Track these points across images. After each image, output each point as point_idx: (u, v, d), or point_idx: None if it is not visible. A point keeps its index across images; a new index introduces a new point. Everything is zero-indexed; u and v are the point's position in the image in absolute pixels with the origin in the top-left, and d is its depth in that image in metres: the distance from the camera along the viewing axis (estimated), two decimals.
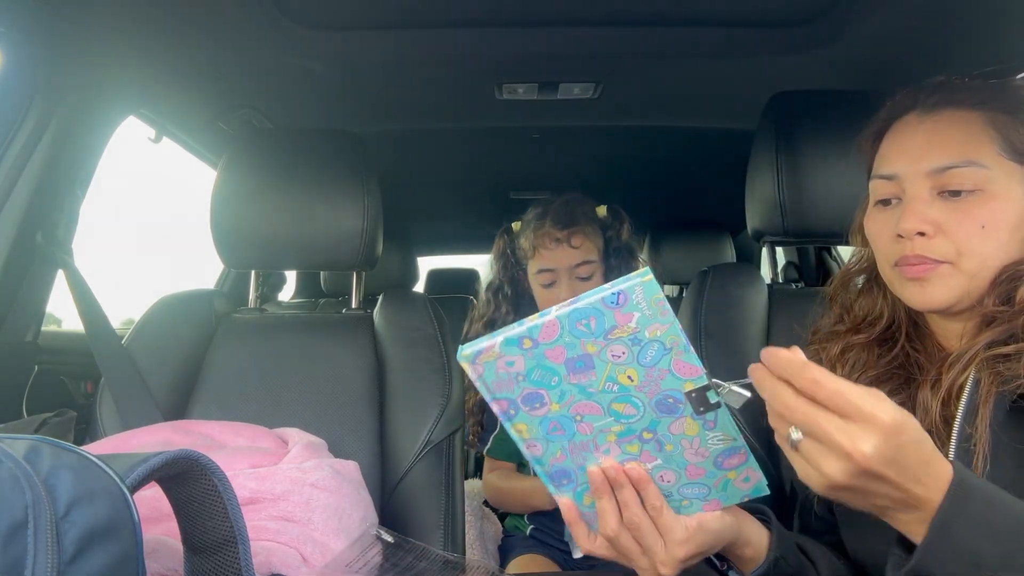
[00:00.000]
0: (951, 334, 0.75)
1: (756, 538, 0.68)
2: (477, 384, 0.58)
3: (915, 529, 0.54)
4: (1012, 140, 0.70)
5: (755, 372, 0.55)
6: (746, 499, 0.63)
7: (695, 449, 0.60)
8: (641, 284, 0.52)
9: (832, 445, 0.50)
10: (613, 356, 0.56)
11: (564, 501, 0.64)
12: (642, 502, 0.62)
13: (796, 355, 0.52)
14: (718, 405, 0.57)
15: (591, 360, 0.56)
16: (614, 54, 1.27)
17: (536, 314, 0.56)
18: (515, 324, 0.56)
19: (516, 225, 1.55)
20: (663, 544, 0.62)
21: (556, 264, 1.41)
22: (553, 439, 0.61)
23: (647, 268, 0.52)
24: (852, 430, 0.49)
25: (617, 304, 0.53)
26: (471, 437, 1.54)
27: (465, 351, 0.56)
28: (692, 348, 0.55)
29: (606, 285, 0.53)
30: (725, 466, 0.61)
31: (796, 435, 0.52)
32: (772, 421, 0.54)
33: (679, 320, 0.55)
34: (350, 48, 1.23)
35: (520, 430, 0.60)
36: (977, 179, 0.69)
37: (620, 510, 0.62)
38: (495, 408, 0.59)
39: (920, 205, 0.71)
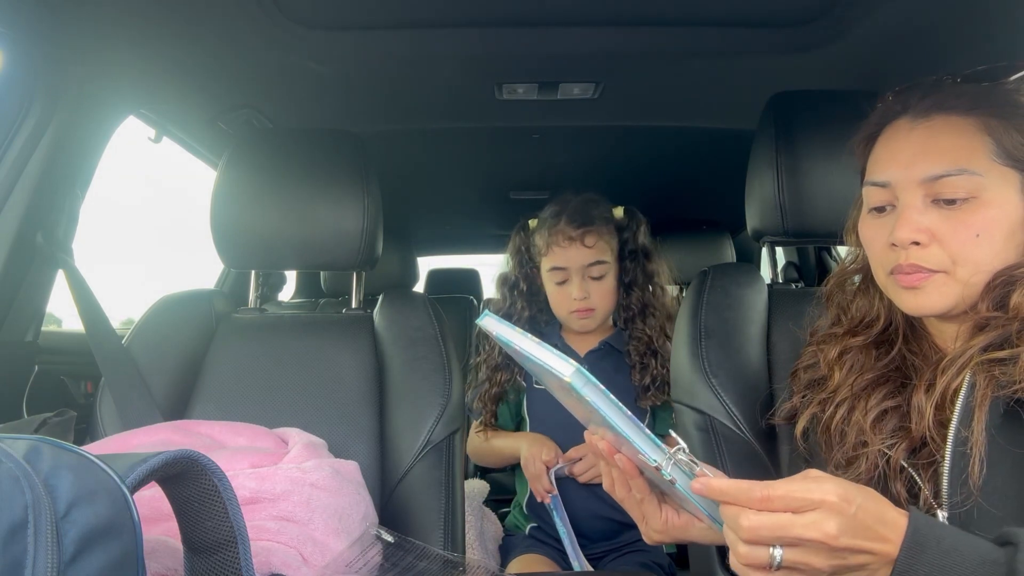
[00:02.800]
0: (947, 335, 0.75)
1: None
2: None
3: None
4: (1005, 145, 0.69)
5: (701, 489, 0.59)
6: None
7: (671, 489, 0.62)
8: (565, 381, 0.55)
9: (806, 541, 0.54)
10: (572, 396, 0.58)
11: (587, 437, 0.68)
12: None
13: (733, 483, 0.57)
14: (673, 481, 0.59)
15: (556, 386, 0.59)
16: (614, 54, 1.27)
17: (519, 331, 0.59)
18: (511, 328, 0.60)
19: (532, 222, 1.55)
20: (644, 520, 0.68)
21: (568, 263, 1.42)
22: (562, 401, 0.65)
23: (576, 368, 0.55)
24: (814, 519, 0.54)
25: (555, 376, 0.56)
26: (486, 418, 1.53)
27: (482, 320, 0.62)
28: (637, 433, 0.57)
29: (551, 351, 0.56)
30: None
31: (777, 552, 0.55)
32: (745, 557, 0.57)
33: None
34: (350, 48, 1.23)
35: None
36: (970, 187, 0.69)
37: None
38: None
39: (914, 214, 0.71)
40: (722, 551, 0.74)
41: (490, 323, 0.62)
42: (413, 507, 1.05)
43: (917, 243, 0.70)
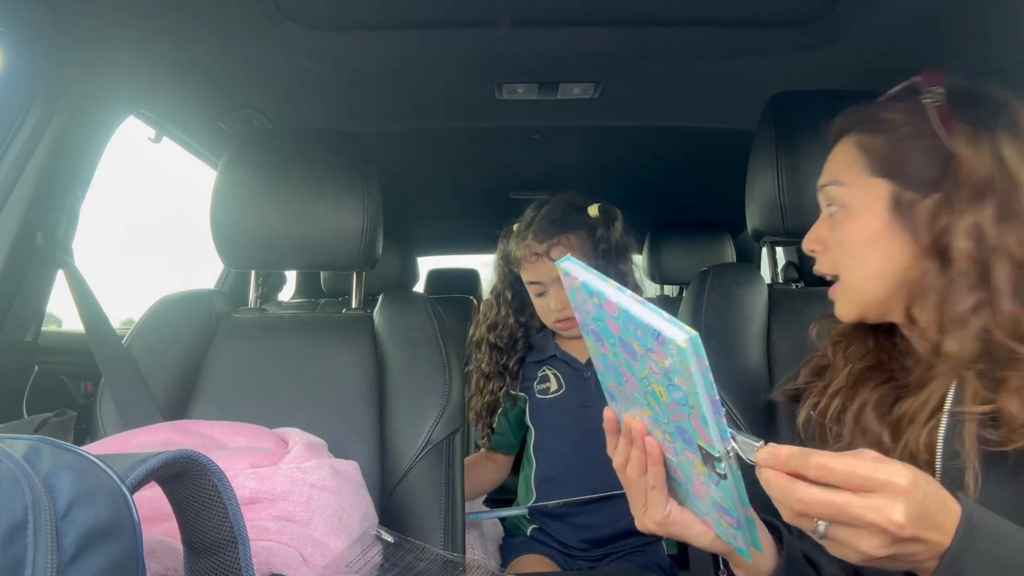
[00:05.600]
0: (915, 338, 0.75)
1: (759, 555, 0.66)
2: (567, 290, 0.60)
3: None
4: (872, 158, 0.74)
5: (762, 473, 0.54)
6: (731, 545, 0.62)
7: (700, 482, 0.59)
8: (676, 346, 0.49)
9: (863, 524, 0.49)
10: (650, 366, 0.54)
11: (608, 415, 0.67)
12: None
13: (798, 449, 0.52)
14: (724, 476, 0.54)
15: (635, 354, 0.55)
16: (614, 54, 1.27)
17: (615, 284, 0.54)
18: (601, 278, 0.55)
19: (516, 226, 1.52)
20: (645, 508, 0.65)
21: (541, 277, 1.41)
22: (607, 372, 0.63)
23: (694, 335, 0.49)
24: (878, 503, 0.49)
25: (657, 339, 0.51)
26: (483, 440, 1.54)
27: (563, 263, 0.58)
28: (715, 419, 0.52)
29: (660, 313, 0.52)
30: (721, 514, 0.60)
31: (822, 527, 0.51)
32: (792, 519, 0.53)
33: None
34: (350, 48, 1.23)
35: (589, 344, 0.63)
36: (838, 196, 0.76)
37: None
38: (576, 315, 0.62)
39: (817, 223, 0.79)
40: (717, 561, 0.72)
41: (573, 268, 0.54)
42: (413, 507, 1.05)
43: (814, 251, 0.78)
